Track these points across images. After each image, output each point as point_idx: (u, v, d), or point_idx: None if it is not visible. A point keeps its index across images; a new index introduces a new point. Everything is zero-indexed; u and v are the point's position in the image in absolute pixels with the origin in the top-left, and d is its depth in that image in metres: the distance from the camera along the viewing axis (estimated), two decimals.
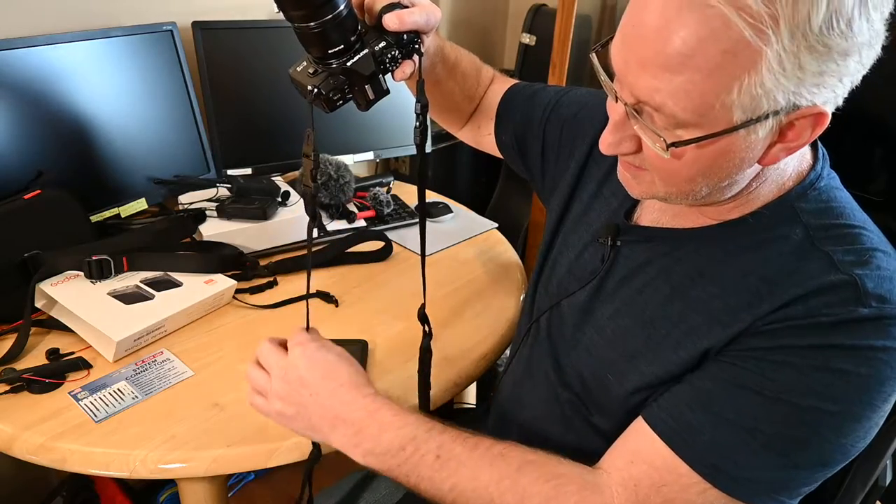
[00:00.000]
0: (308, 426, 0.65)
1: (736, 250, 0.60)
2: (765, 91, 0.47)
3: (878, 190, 0.98)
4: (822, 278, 0.54)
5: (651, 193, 0.62)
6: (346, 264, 1.16)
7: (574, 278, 0.75)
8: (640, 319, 0.65)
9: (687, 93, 0.48)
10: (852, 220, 0.58)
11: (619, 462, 0.61)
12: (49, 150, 1.06)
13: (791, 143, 0.52)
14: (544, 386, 0.75)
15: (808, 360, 0.54)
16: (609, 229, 0.71)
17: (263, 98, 1.35)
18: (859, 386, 0.53)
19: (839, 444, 0.55)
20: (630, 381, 0.65)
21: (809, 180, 0.60)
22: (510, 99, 0.91)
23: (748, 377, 0.56)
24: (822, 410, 0.53)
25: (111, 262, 0.97)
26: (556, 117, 0.85)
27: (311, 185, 0.65)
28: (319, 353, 0.66)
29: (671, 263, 0.64)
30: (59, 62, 1.06)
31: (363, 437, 0.63)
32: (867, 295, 0.53)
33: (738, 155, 0.53)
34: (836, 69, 0.47)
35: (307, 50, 0.66)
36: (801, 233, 0.58)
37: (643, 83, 0.50)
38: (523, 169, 0.92)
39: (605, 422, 0.69)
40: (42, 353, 0.87)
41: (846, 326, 0.53)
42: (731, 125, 0.50)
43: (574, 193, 0.81)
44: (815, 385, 0.53)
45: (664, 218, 0.68)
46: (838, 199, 0.60)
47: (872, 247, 0.56)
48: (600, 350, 0.69)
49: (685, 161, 0.54)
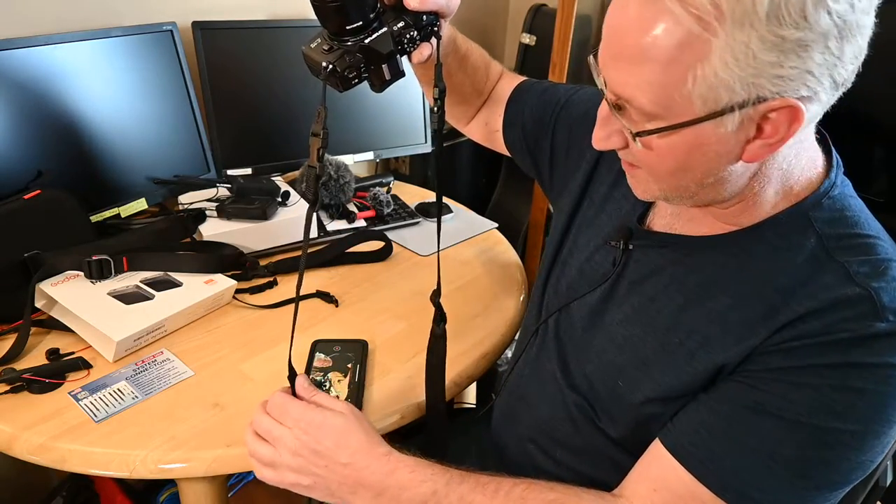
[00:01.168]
0: (327, 493, 0.64)
1: (750, 260, 0.60)
2: (720, 81, 0.48)
3: (880, 190, 0.98)
4: (838, 291, 0.54)
5: (651, 193, 0.62)
6: (346, 264, 1.16)
7: (585, 280, 0.74)
8: (653, 328, 0.65)
9: (650, 84, 0.51)
10: (867, 230, 0.58)
11: (641, 489, 0.61)
12: (49, 150, 1.06)
13: (770, 138, 0.52)
14: (551, 387, 0.75)
15: (826, 379, 0.53)
16: (621, 232, 0.70)
17: (263, 98, 1.35)
18: (878, 404, 0.53)
19: (859, 463, 0.55)
20: (642, 391, 0.64)
21: (824, 188, 0.59)
22: (519, 96, 0.91)
23: (767, 400, 0.55)
24: (843, 431, 0.53)
25: (111, 262, 0.97)
26: (566, 116, 0.85)
27: (315, 165, 0.62)
28: (326, 419, 0.64)
29: (684, 272, 0.64)
30: (59, 62, 1.06)
31: (385, 498, 0.62)
32: (884, 309, 0.53)
33: (711, 149, 0.53)
34: (797, 61, 0.47)
35: (323, 25, 0.64)
36: (816, 242, 0.57)
37: (614, 77, 0.54)
38: (531, 167, 0.92)
39: (613, 428, 0.68)
40: (42, 353, 0.87)
41: (863, 343, 0.53)
42: (695, 116, 0.51)
43: (584, 194, 0.80)
44: (834, 406, 0.53)
45: (677, 223, 0.67)
46: (852, 207, 0.60)
47: (888, 257, 0.56)
48: (610, 355, 0.68)
49: (660, 153, 0.55)
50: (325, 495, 0.65)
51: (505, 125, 0.92)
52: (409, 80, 1.48)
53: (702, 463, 0.57)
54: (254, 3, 1.41)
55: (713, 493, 0.57)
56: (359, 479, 0.63)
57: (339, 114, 1.43)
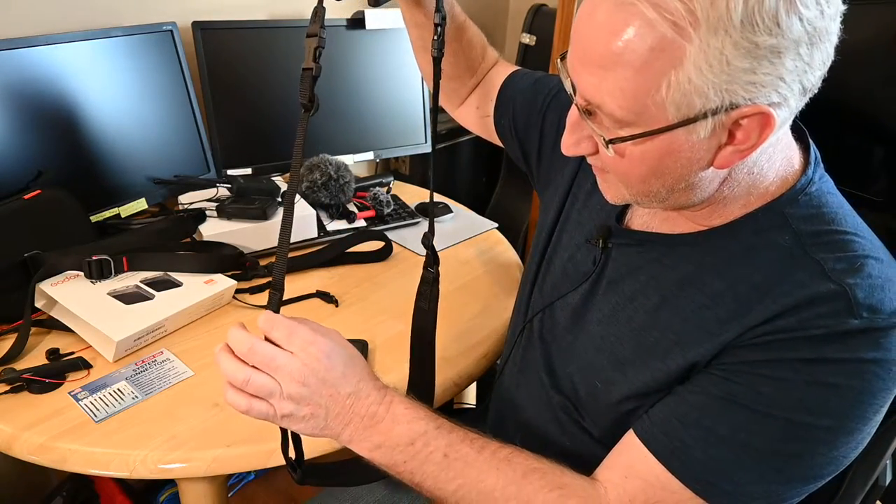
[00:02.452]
0: (319, 426, 0.60)
1: (726, 257, 0.60)
2: (694, 88, 0.48)
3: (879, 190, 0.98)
4: (812, 288, 0.54)
5: (621, 196, 0.62)
6: (346, 264, 1.16)
7: (567, 280, 0.75)
8: (630, 327, 0.65)
9: (622, 90, 0.50)
10: (844, 227, 0.58)
11: (615, 477, 0.61)
12: (49, 150, 1.06)
13: (741, 145, 0.52)
14: (537, 388, 0.75)
15: (800, 374, 0.53)
16: (601, 231, 0.70)
17: (263, 98, 1.35)
18: (851, 400, 0.53)
19: (832, 458, 0.55)
20: (618, 389, 0.64)
21: (800, 185, 0.59)
22: (512, 83, 0.90)
23: (740, 392, 0.55)
24: (815, 426, 0.53)
25: (111, 262, 0.97)
26: (557, 105, 0.84)
27: (311, 67, 0.60)
28: (334, 346, 0.60)
29: (661, 270, 0.64)
30: (59, 62, 1.06)
31: (375, 430, 0.61)
32: (858, 305, 0.53)
33: (683, 155, 0.53)
34: (770, 67, 0.47)
35: None
36: (791, 239, 0.57)
37: (583, 81, 0.53)
38: (520, 155, 0.91)
39: (595, 428, 0.68)
40: (42, 353, 0.87)
41: (838, 339, 0.53)
42: (668, 123, 0.51)
43: (571, 190, 0.80)
44: (807, 400, 0.53)
45: (654, 222, 0.68)
46: (829, 204, 0.59)
47: (864, 254, 0.56)
48: (590, 356, 0.69)
49: (632, 160, 0.55)
50: (315, 428, 0.60)
51: (496, 112, 0.91)
52: (408, 80, 1.49)
53: (672, 453, 0.58)
54: (254, 3, 1.41)
55: (682, 483, 0.57)
56: (357, 409, 0.60)
57: (340, 114, 1.43)
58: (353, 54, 1.41)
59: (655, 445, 0.59)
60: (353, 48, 1.41)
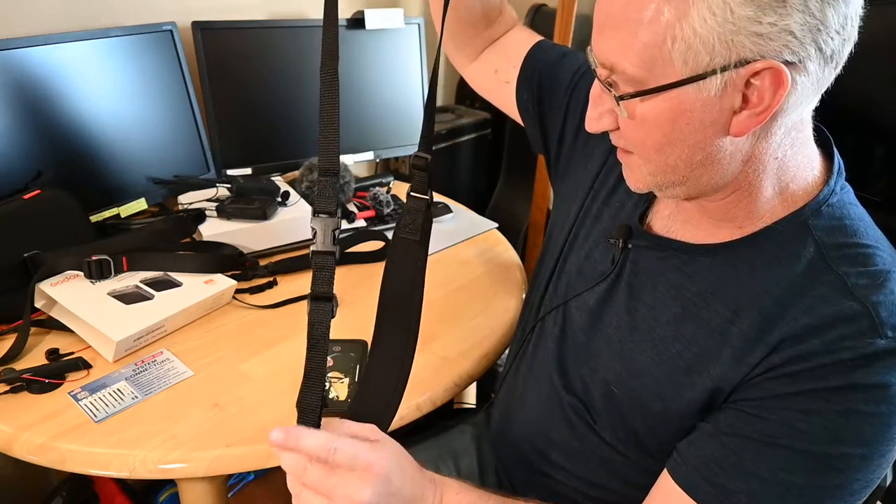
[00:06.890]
0: None
1: (747, 270, 0.59)
2: (700, 40, 0.48)
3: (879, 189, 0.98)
4: (835, 305, 0.54)
5: (643, 181, 0.61)
6: (346, 264, 1.16)
7: (583, 278, 0.73)
8: (650, 337, 0.64)
9: (631, 46, 0.51)
10: (865, 239, 0.57)
11: None
12: (49, 150, 1.06)
13: (756, 107, 0.51)
14: (547, 387, 0.74)
15: (832, 404, 0.53)
16: (621, 230, 0.69)
17: (263, 98, 1.35)
18: (881, 425, 0.53)
19: (867, 481, 0.55)
20: (634, 401, 0.64)
21: (823, 196, 0.58)
22: (538, 55, 0.85)
23: (775, 430, 0.55)
24: (851, 455, 0.53)
25: (111, 262, 0.97)
26: (586, 85, 0.79)
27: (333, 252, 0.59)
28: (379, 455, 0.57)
29: (682, 279, 0.63)
30: (59, 62, 1.06)
31: None
32: (883, 325, 0.52)
33: (695, 116, 0.52)
34: (775, 17, 0.47)
35: None
36: (814, 251, 0.56)
37: (600, 47, 0.55)
38: (538, 134, 0.86)
39: (608, 433, 0.68)
40: (42, 353, 0.87)
41: (864, 362, 0.52)
42: (677, 78, 0.51)
43: (593, 187, 0.77)
44: (841, 432, 0.53)
45: (674, 226, 0.66)
46: (852, 215, 0.58)
47: (885, 268, 0.55)
48: (606, 360, 0.68)
49: (645, 124, 0.55)
50: None
51: (519, 84, 0.86)
52: (408, 80, 1.49)
53: (717, 499, 0.57)
54: (254, 3, 1.41)
55: None
56: None
57: (339, 114, 1.42)
58: (352, 54, 1.41)
59: (697, 492, 0.58)
60: (352, 48, 1.41)
